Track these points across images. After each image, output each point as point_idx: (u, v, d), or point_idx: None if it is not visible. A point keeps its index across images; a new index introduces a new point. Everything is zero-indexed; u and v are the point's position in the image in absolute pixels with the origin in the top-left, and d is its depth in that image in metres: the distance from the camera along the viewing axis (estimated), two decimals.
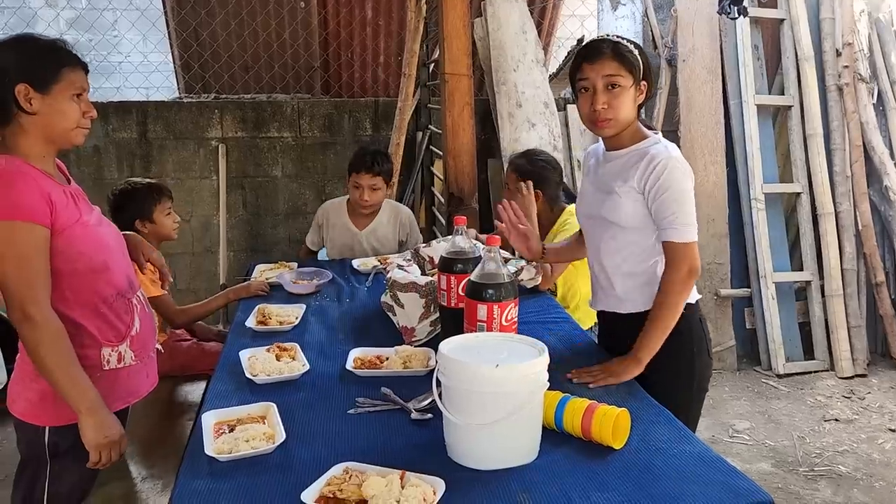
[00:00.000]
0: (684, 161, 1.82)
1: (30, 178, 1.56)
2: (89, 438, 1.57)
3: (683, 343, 1.85)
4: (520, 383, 1.36)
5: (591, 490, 1.29)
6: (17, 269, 1.52)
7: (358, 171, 3.01)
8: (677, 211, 1.76)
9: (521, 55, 4.24)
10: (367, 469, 1.32)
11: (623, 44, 1.81)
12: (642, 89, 1.83)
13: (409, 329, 2.10)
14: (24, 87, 1.56)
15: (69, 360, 1.56)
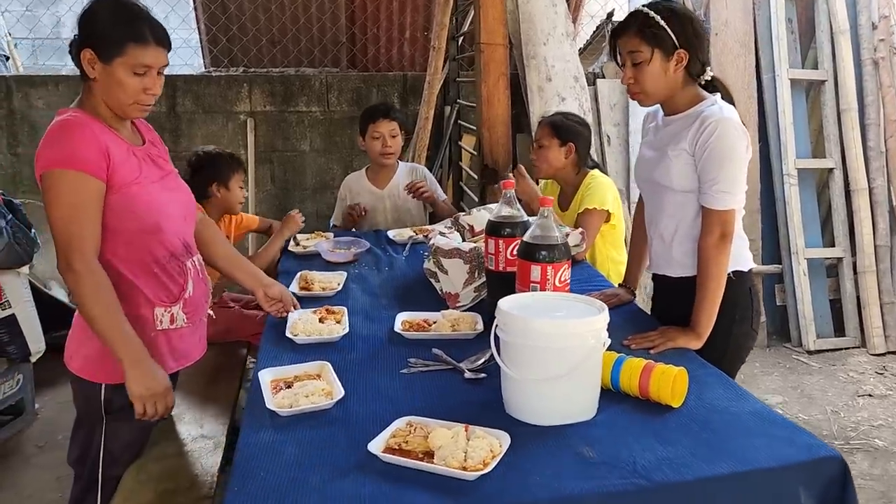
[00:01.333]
0: (739, 125, 1.78)
1: (90, 130, 1.59)
2: (132, 389, 1.59)
3: (724, 309, 1.82)
4: (581, 339, 1.36)
5: (654, 444, 1.30)
6: (66, 218, 1.54)
7: (375, 119, 3.02)
8: (717, 176, 1.75)
9: (552, 28, 4.20)
10: (430, 422, 1.33)
11: (649, 15, 1.78)
12: (681, 57, 1.79)
13: (454, 295, 2.10)
14: (89, 53, 1.59)
15: (113, 310, 1.57)
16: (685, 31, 1.79)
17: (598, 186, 2.54)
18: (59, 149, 1.55)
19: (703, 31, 1.86)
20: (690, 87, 1.85)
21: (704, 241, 1.78)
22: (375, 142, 3.04)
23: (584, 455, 1.27)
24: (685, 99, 1.85)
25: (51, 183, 1.55)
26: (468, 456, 1.21)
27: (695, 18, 1.86)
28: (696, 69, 1.85)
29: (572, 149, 2.58)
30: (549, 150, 2.58)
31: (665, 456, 1.25)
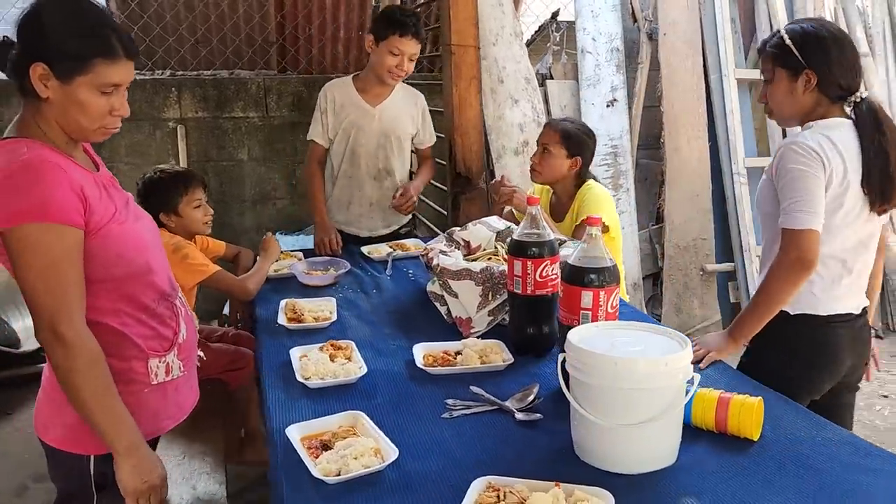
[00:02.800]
0: (804, 146, 1.68)
1: (59, 169, 1.28)
2: (126, 484, 1.32)
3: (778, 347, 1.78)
4: (672, 377, 1.23)
5: (762, 490, 1.18)
6: (46, 280, 1.25)
7: (403, 33, 2.58)
8: (786, 195, 1.69)
9: (500, 28, 4.07)
10: (514, 482, 1.16)
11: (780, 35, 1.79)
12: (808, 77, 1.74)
13: (465, 320, 1.93)
14: (41, 68, 1.27)
15: (107, 389, 1.31)
16: (815, 51, 1.73)
17: (595, 198, 2.42)
18: (27, 197, 1.24)
19: (842, 53, 1.75)
20: (823, 109, 1.77)
21: (776, 260, 1.71)
22: (391, 57, 2.61)
23: None
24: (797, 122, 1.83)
25: (21, 241, 1.24)
26: None
27: (831, 39, 1.75)
28: (833, 91, 1.76)
29: (578, 163, 2.44)
30: (555, 158, 2.43)
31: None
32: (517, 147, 4.00)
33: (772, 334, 1.77)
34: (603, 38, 4.24)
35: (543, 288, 1.72)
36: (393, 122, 2.79)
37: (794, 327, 1.78)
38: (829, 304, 1.78)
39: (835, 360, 1.81)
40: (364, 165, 2.81)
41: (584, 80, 4.23)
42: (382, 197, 2.86)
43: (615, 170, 4.13)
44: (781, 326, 1.77)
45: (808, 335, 1.79)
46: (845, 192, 1.71)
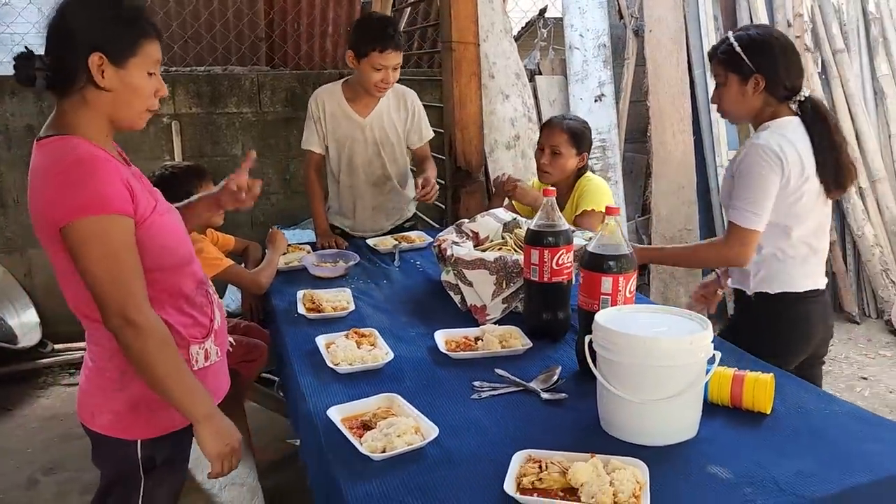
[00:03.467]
0: (767, 149, 1.86)
1: (110, 162, 1.35)
2: (210, 448, 1.40)
3: (762, 324, 1.98)
4: (695, 355, 1.32)
5: (778, 458, 1.28)
6: (110, 270, 1.31)
7: (383, 48, 2.54)
8: (741, 193, 1.89)
9: (490, 25, 4.16)
10: (555, 455, 1.24)
11: (728, 41, 1.95)
12: (756, 81, 1.91)
13: (481, 307, 2.01)
14: (98, 58, 1.33)
15: (179, 365, 1.38)
16: (763, 57, 1.89)
17: (595, 188, 2.51)
18: (84, 191, 1.29)
19: (787, 57, 1.91)
20: (772, 109, 1.94)
21: (718, 241, 2.03)
22: (375, 73, 2.59)
23: (719, 476, 1.23)
24: (762, 120, 1.97)
25: (84, 234, 1.29)
26: (616, 490, 1.14)
27: (777, 45, 1.91)
28: (779, 92, 1.93)
29: (585, 158, 2.54)
30: (566, 158, 2.52)
31: (798, 469, 1.23)
32: (509, 141, 4.09)
33: (755, 313, 1.98)
34: (590, 35, 4.34)
35: (559, 275, 1.80)
36: (384, 133, 2.80)
37: (775, 305, 1.96)
38: (802, 282, 1.97)
39: (810, 332, 2.00)
40: (362, 175, 2.85)
41: (573, 75, 4.33)
42: (385, 201, 2.92)
43: (604, 163, 4.24)
44: (763, 306, 1.97)
45: (786, 311, 1.97)
46: (805, 183, 1.89)
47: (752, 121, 1.99)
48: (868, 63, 4.73)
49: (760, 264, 1.97)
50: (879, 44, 4.70)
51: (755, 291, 1.99)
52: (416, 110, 2.84)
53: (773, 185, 1.86)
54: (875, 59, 4.70)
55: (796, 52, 1.95)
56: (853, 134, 4.53)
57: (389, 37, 2.55)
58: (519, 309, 2.02)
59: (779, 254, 1.94)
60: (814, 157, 1.90)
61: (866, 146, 4.53)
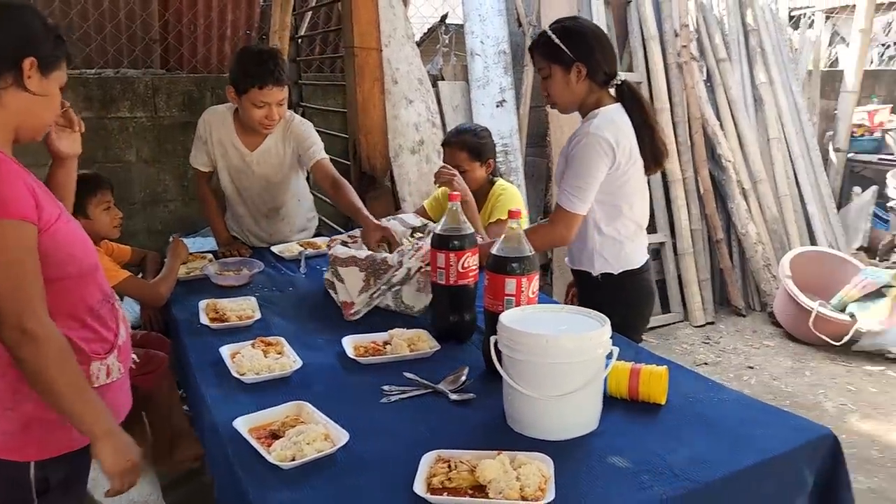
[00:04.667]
0: (600, 137, 1.99)
1: (13, 164, 1.32)
2: (110, 465, 1.34)
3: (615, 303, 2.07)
4: (595, 351, 1.38)
5: (674, 445, 1.35)
6: (10, 277, 1.25)
7: (263, 84, 2.38)
8: (569, 178, 2.03)
9: (392, 30, 4.18)
10: (464, 454, 1.27)
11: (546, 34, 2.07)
12: (578, 69, 2.03)
13: (349, 304, 2.05)
14: (31, 62, 1.34)
15: (79, 378, 1.32)
16: (581, 45, 2.02)
17: (507, 199, 2.59)
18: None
19: (601, 43, 2.06)
20: (596, 95, 2.08)
21: (544, 223, 2.16)
22: (257, 110, 2.44)
23: (619, 466, 1.29)
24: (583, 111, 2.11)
25: None
26: (523, 485, 1.18)
27: (591, 33, 2.06)
28: (600, 78, 2.06)
29: (491, 164, 2.61)
30: (472, 172, 2.60)
31: (692, 456, 1.31)
32: (414, 146, 4.12)
33: (607, 294, 2.14)
34: (490, 42, 4.42)
35: (465, 278, 1.84)
36: (272, 167, 2.67)
37: (622, 282, 2.15)
38: (638, 258, 2.16)
39: (653, 301, 2.30)
40: (252, 205, 2.79)
41: (474, 81, 4.40)
42: (282, 227, 2.86)
43: (506, 167, 4.33)
44: (610, 285, 2.14)
45: (632, 286, 2.17)
46: (633, 165, 2.05)
47: (580, 109, 2.11)
48: (748, 72, 5.05)
49: (603, 246, 2.13)
50: (758, 54, 5.02)
51: (600, 272, 2.15)
52: (300, 132, 2.65)
53: (601, 172, 2.01)
54: (754, 68, 5.02)
55: (608, 40, 2.12)
56: (736, 138, 4.82)
57: (269, 72, 2.39)
58: (385, 305, 2.08)
59: (616, 234, 2.11)
60: (636, 138, 2.07)
61: (748, 150, 4.83)
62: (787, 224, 4.89)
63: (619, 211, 2.10)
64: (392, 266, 2.01)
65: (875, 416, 3.35)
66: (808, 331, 4.04)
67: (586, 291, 2.24)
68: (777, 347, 4.19)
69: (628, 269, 2.15)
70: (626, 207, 2.10)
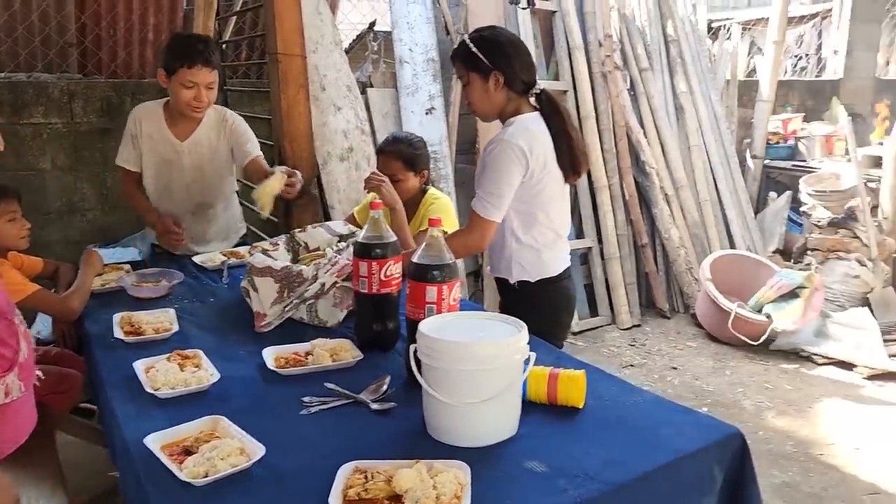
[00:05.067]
0: (513, 145, 2.04)
1: None
2: None
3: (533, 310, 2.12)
4: (512, 357, 1.39)
5: (590, 448, 1.38)
6: None
7: (192, 64, 2.43)
8: (484, 185, 2.08)
9: (319, 37, 4.14)
10: (381, 464, 1.27)
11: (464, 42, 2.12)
12: (496, 78, 2.07)
13: (261, 314, 2.02)
14: None
15: None
16: (498, 54, 2.06)
17: (439, 208, 2.60)
18: None
19: (519, 53, 2.10)
20: (515, 103, 2.12)
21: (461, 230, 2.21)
22: (186, 91, 2.48)
23: (535, 470, 1.31)
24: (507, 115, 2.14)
25: None
26: (439, 493, 1.18)
27: (507, 43, 2.09)
28: (518, 86, 2.10)
29: (425, 174, 2.62)
30: (406, 182, 2.59)
31: (607, 458, 1.34)
32: (342, 153, 4.09)
33: (524, 301, 2.17)
34: (419, 49, 4.44)
35: (388, 287, 1.83)
36: (204, 158, 2.69)
37: (539, 290, 2.19)
38: (556, 266, 2.19)
39: (572, 308, 2.32)
40: (179, 201, 2.75)
41: (403, 88, 4.40)
42: (207, 229, 2.85)
43: (436, 174, 4.34)
44: (529, 294, 2.18)
45: (550, 294, 2.20)
46: (549, 174, 2.09)
47: (500, 117, 2.15)
48: (669, 81, 5.21)
49: (520, 254, 2.17)
50: (678, 64, 5.19)
51: (517, 280, 2.19)
52: (236, 128, 2.71)
53: (515, 179, 2.05)
54: (675, 78, 5.19)
55: (526, 49, 2.16)
56: (659, 145, 4.96)
57: (198, 52, 2.45)
58: (297, 317, 2.06)
59: (533, 243, 2.15)
60: (553, 147, 2.10)
61: (670, 156, 4.98)
62: (708, 228, 5.07)
63: (534, 219, 2.14)
64: (307, 279, 1.98)
65: (790, 412, 3.49)
66: (727, 331, 4.19)
67: (506, 298, 2.28)
68: (699, 348, 4.32)
69: (546, 278, 2.19)
70: (542, 216, 2.14)
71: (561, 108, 2.15)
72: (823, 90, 7.01)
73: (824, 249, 4.86)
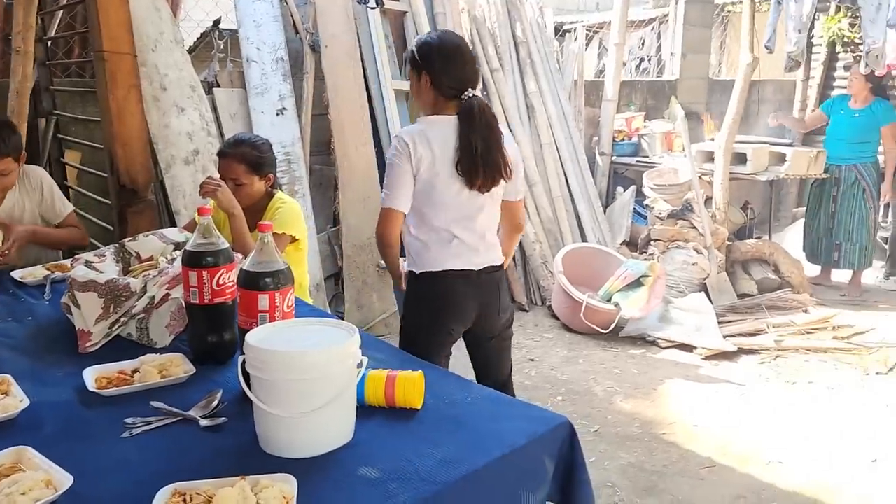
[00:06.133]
0: (399, 139, 2.16)
1: None
2: None
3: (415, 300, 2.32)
4: (343, 363, 1.36)
5: (425, 448, 1.37)
6: None
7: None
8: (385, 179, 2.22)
9: (159, 34, 3.94)
10: (201, 485, 1.20)
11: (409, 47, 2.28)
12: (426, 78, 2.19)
13: (86, 332, 1.88)
14: None
15: None
16: (427, 58, 2.17)
17: (286, 212, 2.52)
18: None
19: (447, 59, 2.16)
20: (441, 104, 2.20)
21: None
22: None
23: (368, 476, 1.29)
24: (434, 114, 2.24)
25: None
26: None
27: (437, 49, 2.17)
28: (445, 90, 2.18)
29: (271, 178, 2.54)
30: (249, 186, 2.50)
31: (441, 457, 1.34)
32: (188, 156, 3.91)
33: (411, 291, 2.29)
34: (267, 48, 4.32)
35: (222, 296, 1.75)
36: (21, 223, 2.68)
37: (421, 283, 2.27)
38: (445, 262, 2.22)
39: (456, 306, 2.27)
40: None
41: (252, 88, 4.27)
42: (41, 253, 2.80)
43: (290, 176, 4.24)
44: (414, 284, 2.28)
45: (431, 287, 2.25)
46: (436, 177, 2.14)
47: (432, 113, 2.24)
48: (520, 81, 5.36)
49: (411, 245, 2.25)
50: (528, 64, 5.36)
51: (408, 270, 2.30)
52: (44, 184, 2.79)
53: (402, 171, 2.14)
54: (525, 78, 5.35)
55: (462, 57, 2.20)
56: None
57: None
58: (124, 335, 1.94)
59: (422, 237, 2.22)
60: (456, 152, 2.13)
61: (523, 154, 5.12)
62: (561, 223, 5.27)
63: (425, 218, 2.20)
64: (135, 293, 1.86)
65: (636, 395, 3.69)
66: (580, 321, 4.37)
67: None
68: (555, 339, 4.48)
69: (428, 271, 2.24)
70: (434, 217, 2.20)
71: (480, 119, 2.14)
72: (663, 90, 7.47)
73: (665, 239, 5.18)
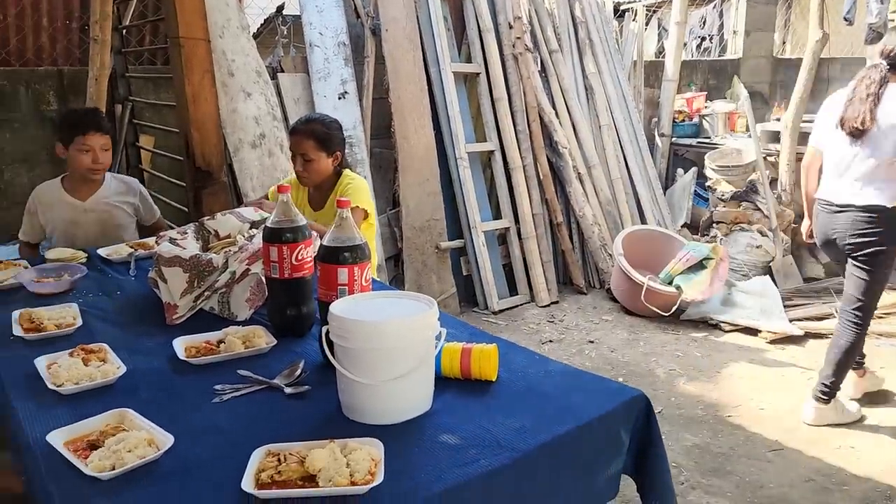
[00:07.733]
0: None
1: None
2: None
3: None
4: (423, 334, 1.41)
5: (501, 418, 1.41)
6: None
7: (86, 131, 2.76)
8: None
9: (226, 21, 4.05)
10: (294, 446, 1.26)
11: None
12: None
13: (172, 306, 1.97)
14: None
15: None
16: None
17: (356, 188, 2.60)
18: None
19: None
20: None
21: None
22: (83, 155, 2.77)
23: (449, 443, 1.33)
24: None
25: None
26: (353, 470, 1.19)
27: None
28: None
29: (339, 157, 2.61)
30: (318, 162, 2.58)
31: (518, 426, 1.37)
32: (254, 140, 4.01)
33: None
34: (329, 33, 4.38)
35: (300, 270, 1.82)
36: (108, 214, 2.92)
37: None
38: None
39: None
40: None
41: (315, 72, 4.35)
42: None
43: (351, 159, 4.31)
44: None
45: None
46: None
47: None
48: (579, 62, 5.32)
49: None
50: (586, 45, 5.31)
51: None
52: (144, 194, 3.04)
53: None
54: (584, 59, 5.31)
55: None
56: (570, 125, 5.07)
57: (94, 121, 2.79)
58: (207, 308, 2.02)
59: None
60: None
61: (582, 136, 5.10)
62: (620, 205, 5.22)
63: None
64: (217, 268, 1.94)
65: (699, 378, 3.66)
66: (640, 304, 4.35)
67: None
68: (615, 321, 4.47)
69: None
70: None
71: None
72: (725, 69, 7.31)
73: (728, 222, 5.09)
